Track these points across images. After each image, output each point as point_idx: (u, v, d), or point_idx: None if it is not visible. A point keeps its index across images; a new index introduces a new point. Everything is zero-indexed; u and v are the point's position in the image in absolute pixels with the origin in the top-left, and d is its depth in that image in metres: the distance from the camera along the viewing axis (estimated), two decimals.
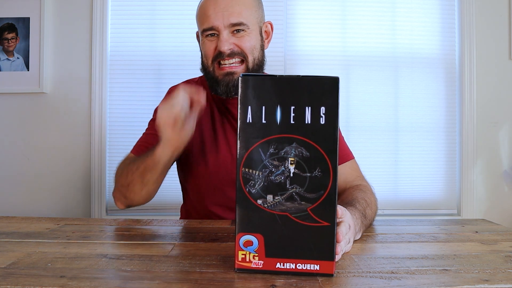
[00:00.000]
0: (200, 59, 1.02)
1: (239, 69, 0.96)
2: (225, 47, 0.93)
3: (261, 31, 1.00)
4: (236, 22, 0.93)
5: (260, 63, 0.99)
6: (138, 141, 1.04)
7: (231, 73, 0.95)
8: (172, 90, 1.07)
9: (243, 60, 0.96)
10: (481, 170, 1.95)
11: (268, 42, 1.04)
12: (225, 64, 0.95)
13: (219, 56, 0.94)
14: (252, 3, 0.97)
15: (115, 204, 0.97)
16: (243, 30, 0.94)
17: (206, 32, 0.95)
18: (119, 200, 0.96)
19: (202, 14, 0.96)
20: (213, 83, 0.98)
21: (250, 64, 0.96)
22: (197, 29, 1.02)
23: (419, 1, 1.94)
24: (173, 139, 0.81)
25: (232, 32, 0.94)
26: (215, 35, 0.95)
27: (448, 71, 1.95)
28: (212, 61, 0.96)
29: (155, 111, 1.04)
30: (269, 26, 1.04)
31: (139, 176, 0.88)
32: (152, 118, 1.06)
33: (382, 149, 1.93)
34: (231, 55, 0.94)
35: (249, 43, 0.95)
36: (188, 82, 1.10)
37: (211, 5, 0.94)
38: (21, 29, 1.85)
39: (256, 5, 0.98)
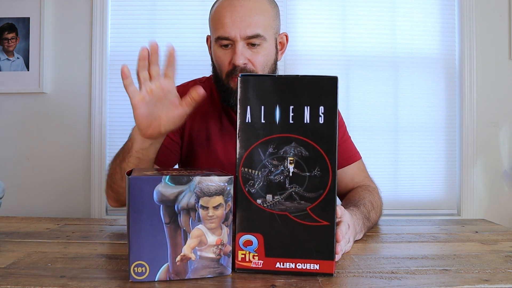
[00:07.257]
0: (210, 66, 0.97)
1: None
2: (240, 61, 0.87)
3: (276, 42, 0.94)
4: (253, 34, 0.86)
5: None
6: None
7: None
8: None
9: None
10: (481, 170, 1.95)
11: (282, 54, 0.99)
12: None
13: (234, 71, 0.88)
14: (271, 12, 0.91)
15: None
16: (259, 44, 0.88)
17: (220, 42, 0.89)
18: (108, 195, 0.90)
19: (217, 20, 0.89)
20: (226, 95, 0.93)
21: None
22: (208, 33, 0.97)
23: (419, 1, 1.94)
24: (145, 120, 0.73)
25: (248, 44, 0.88)
26: (230, 46, 0.89)
27: (448, 71, 1.95)
28: (227, 75, 0.90)
29: None
30: (284, 38, 0.98)
31: (119, 163, 0.83)
32: None
33: (382, 149, 1.93)
34: (244, 69, 0.89)
35: (263, 58, 0.89)
36: (195, 81, 1.05)
37: (228, 11, 0.87)
38: (21, 29, 1.85)
39: (274, 14, 0.93)
